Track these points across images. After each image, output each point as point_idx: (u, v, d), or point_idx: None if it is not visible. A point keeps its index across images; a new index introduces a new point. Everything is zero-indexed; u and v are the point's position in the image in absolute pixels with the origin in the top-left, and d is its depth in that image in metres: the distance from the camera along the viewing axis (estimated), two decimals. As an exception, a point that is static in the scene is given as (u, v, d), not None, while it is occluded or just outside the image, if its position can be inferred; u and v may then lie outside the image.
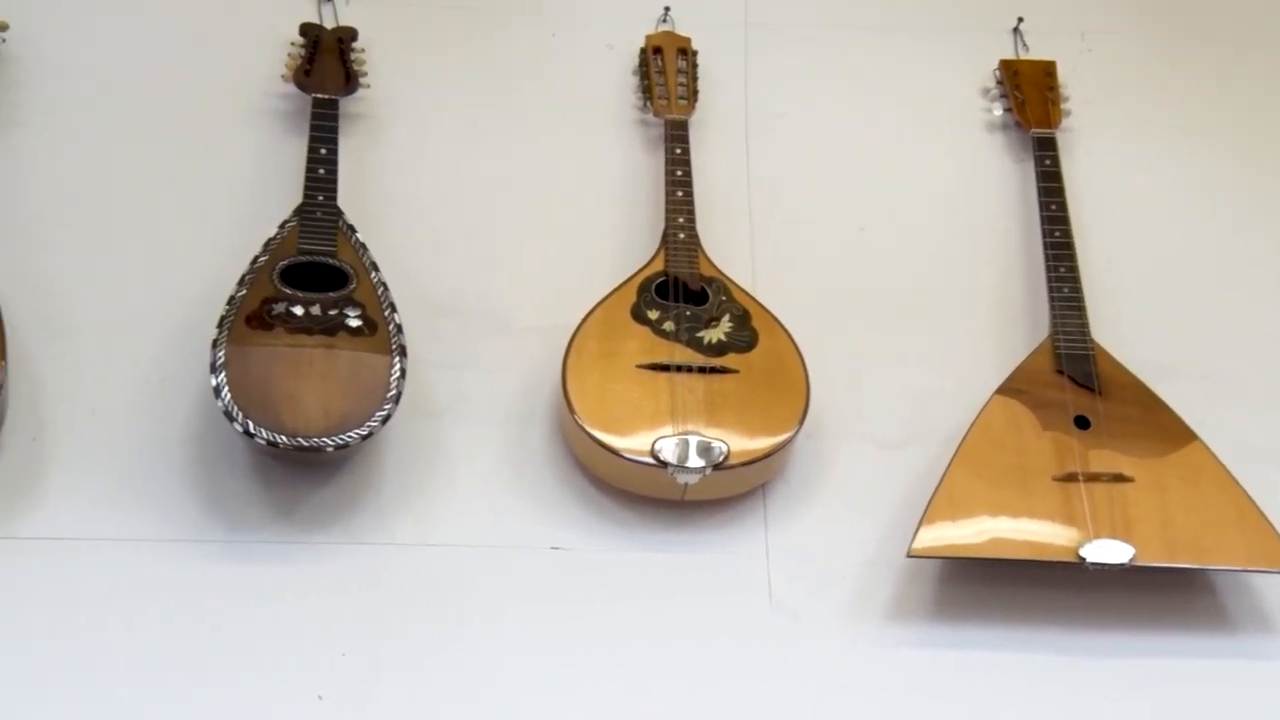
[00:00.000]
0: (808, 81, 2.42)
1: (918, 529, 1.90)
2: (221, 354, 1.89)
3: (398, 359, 1.93)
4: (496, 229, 2.21)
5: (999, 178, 2.36)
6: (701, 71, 2.33)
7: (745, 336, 2.05)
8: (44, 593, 1.84)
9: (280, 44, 2.25)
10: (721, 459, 1.93)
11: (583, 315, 2.04)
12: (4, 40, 2.16)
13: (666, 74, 2.31)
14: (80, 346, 2.01)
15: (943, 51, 2.47)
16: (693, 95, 2.30)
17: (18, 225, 2.09)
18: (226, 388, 1.86)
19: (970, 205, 2.34)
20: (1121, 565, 1.89)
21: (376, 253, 2.04)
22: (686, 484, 1.94)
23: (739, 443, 1.95)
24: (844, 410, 2.11)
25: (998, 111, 2.40)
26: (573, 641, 1.90)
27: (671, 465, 1.92)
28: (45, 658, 1.80)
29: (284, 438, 1.84)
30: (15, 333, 1.93)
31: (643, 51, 2.35)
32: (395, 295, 2.00)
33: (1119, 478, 1.95)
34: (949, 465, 1.96)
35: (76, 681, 1.80)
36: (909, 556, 1.90)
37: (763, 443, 1.96)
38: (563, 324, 2.04)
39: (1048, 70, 2.41)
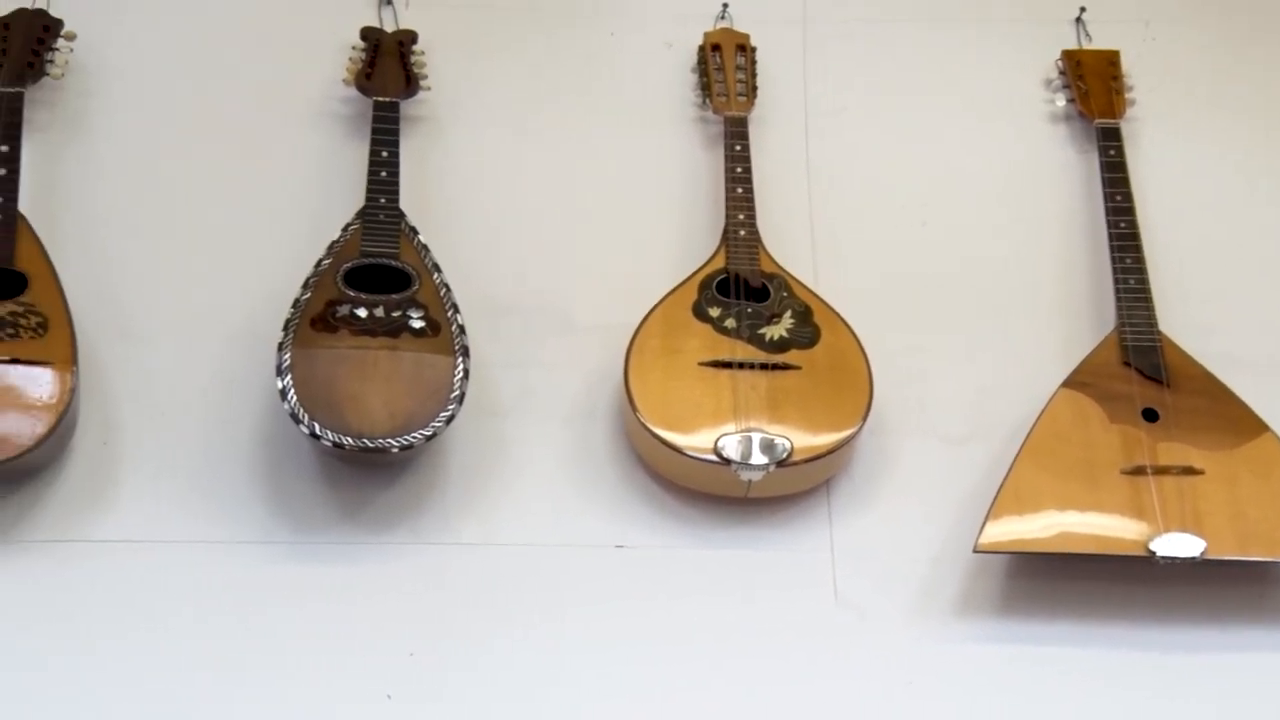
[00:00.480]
0: (867, 76, 2.41)
1: (984, 524, 1.89)
2: (287, 357, 1.90)
3: (461, 359, 1.94)
4: (558, 228, 2.22)
5: (1062, 169, 2.34)
6: (760, 68, 2.33)
7: (807, 332, 2.04)
8: (116, 594, 1.87)
9: (342, 48, 2.27)
10: (785, 456, 1.93)
11: (644, 313, 2.05)
12: (72, 49, 2.19)
13: (725, 71, 2.31)
14: (149, 351, 2.03)
15: (1003, 43, 2.46)
16: (752, 92, 2.30)
17: (87, 231, 2.11)
18: (292, 390, 1.88)
19: (1033, 197, 2.32)
20: (1192, 559, 1.87)
21: (438, 254, 2.05)
22: (750, 481, 1.94)
23: (802, 439, 1.94)
24: (907, 405, 2.10)
25: (1060, 102, 2.38)
26: (637, 640, 1.90)
27: (735, 462, 1.92)
28: (116, 658, 1.83)
29: (349, 439, 1.86)
30: (85, 338, 1.96)
31: (701, 49, 2.35)
32: (458, 296, 2.01)
33: (1188, 470, 1.93)
34: (1015, 459, 1.95)
35: (147, 681, 1.82)
36: (975, 552, 1.89)
37: (826, 439, 1.95)
38: (624, 322, 2.05)
39: (1111, 60, 2.39)
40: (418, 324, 1.96)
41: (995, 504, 1.91)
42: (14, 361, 1.87)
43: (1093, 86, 2.35)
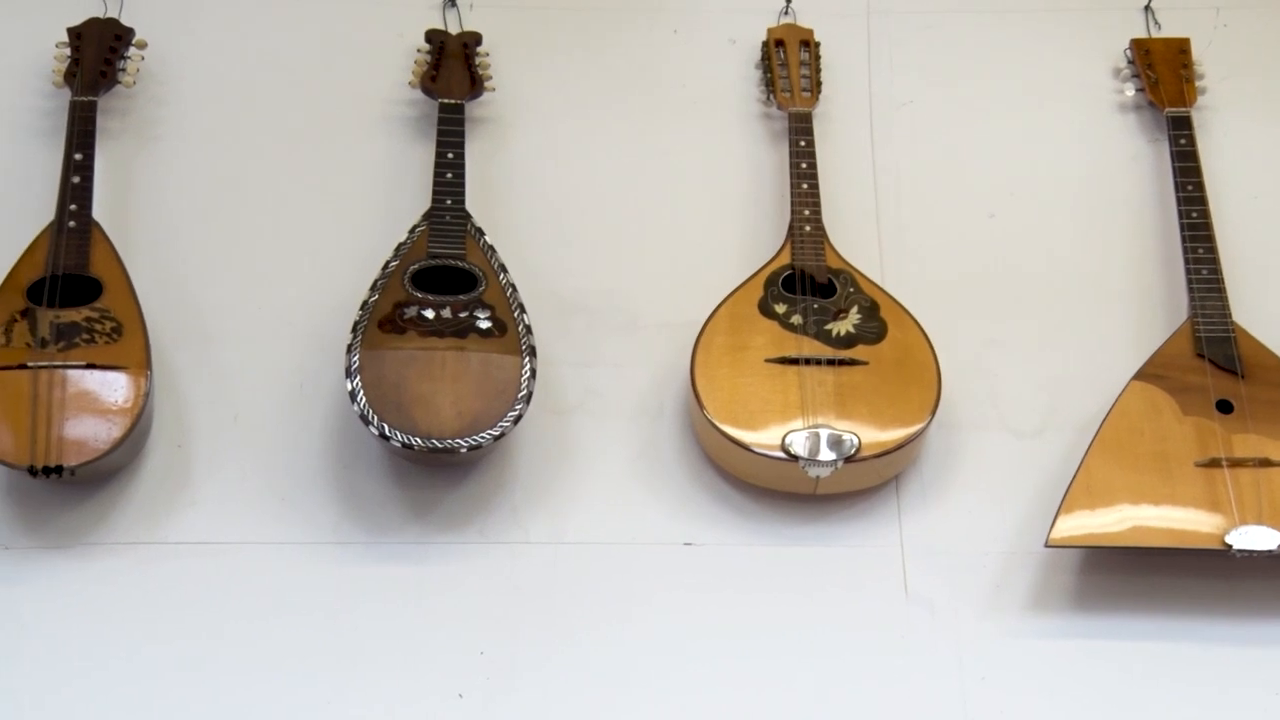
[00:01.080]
0: (932, 68, 2.39)
1: (1055, 518, 1.88)
2: (356, 358, 1.92)
3: (528, 359, 1.94)
4: (622, 227, 2.22)
5: (1133, 159, 2.32)
6: (824, 62, 2.32)
7: (874, 327, 2.03)
8: (191, 595, 1.89)
9: (407, 51, 2.29)
10: (853, 452, 1.92)
11: (710, 311, 2.04)
12: (143, 58, 2.22)
13: (789, 66, 2.30)
14: (221, 355, 2.06)
15: (1070, 33, 2.43)
16: (816, 87, 2.29)
17: (160, 238, 2.14)
18: (362, 392, 1.90)
19: (1103, 188, 2.30)
20: (1269, 552, 1.84)
21: (504, 254, 2.06)
22: (818, 477, 1.93)
23: (870, 435, 1.93)
24: (977, 399, 2.08)
25: (1130, 92, 2.35)
26: (707, 636, 1.90)
27: (803, 459, 1.92)
28: (191, 658, 1.86)
29: (418, 440, 1.87)
30: (158, 342, 1.98)
31: (765, 44, 2.34)
32: (524, 295, 2.02)
33: (1265, 462, 1.90)
34: (1086, 453, 1.93)
35: (221, 680, 1.85)
36: (1047, 546, 1.88)
37: (894, 434, 1.94)
38: (690, 320, 2.05)
39: (1181, 48, 2.36)
40: (485, 324, 1.97)
41: (1067, 498, 1.89)
42: (90, 366, 1.90)
43: (1163, 75, 2.32)
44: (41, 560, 1.89)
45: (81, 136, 2.09)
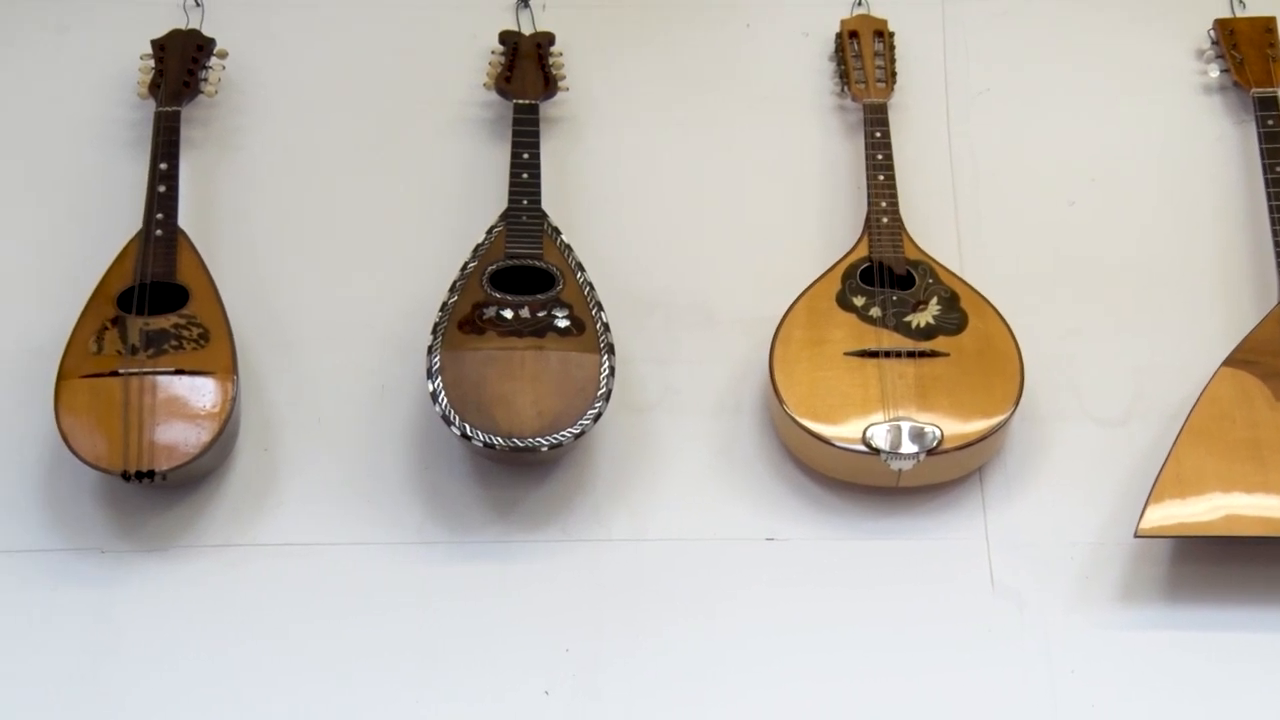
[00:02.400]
0: (1009, 55, 2.37)
1: (1145, 508, 1.86)
2: (437, 360, 1.94)
3: (606, 357, 1.95)
4: (698, 222, 2.22)
5: (1218, 141, 2.28)
6: (899, 52, 2.31)
7: (954, 318, 2.02)
8: (280, 596, 1.92)
9: (481, 53, 2.30)
10: (935, 444, 1.91)
11: (787, 305, 2.04)
12: (224, 67, 2.25)
13: (863, 57, 2.29)
14: (304, 358, 2.08)
15: (1150, 14, 2.39)
16: (891, 77, 2.27)
17: (244, 245, 2.17)
18: (443, 392, 1.91)
19: (1188, 171, 2.26)
20: (1365, 540, 1.81)
21: (581, 252, 2.07)
22: (900, 470, 1.92)
23: (953, 427, 1.92)
24: (1060, 389, 2.06)
25: (1214, 73, 2.31)
26: (790, 631, 1.90)
27: (884, 452, 1.91)
28: (280, 657, 1.88)
29: (499, 439, 1.88)
30: (244, 347, 2.01)
31: (838, 36, 2.33)
32: (601, 293, 2.02)
33: (1360, 448, 1.87)
34: (1175, 441, 1.90)
35: (310, 679, 1.87)
36: (1137, 537, 1.85)
37: (977, 425, 1.93)
38: (767, 315, 2.04)
39: (1267, 26, 2.31)
40: (563, 323, 1.98)
41: (1156, 487, 1.87)
42: (179, 372, 1.93)
43: (1248, 55, 2.28)
44: (136, 563, 1.93)
45: (166, 146, 2.13)
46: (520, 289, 2.02)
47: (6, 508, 1.95)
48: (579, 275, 2.04)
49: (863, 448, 1.91)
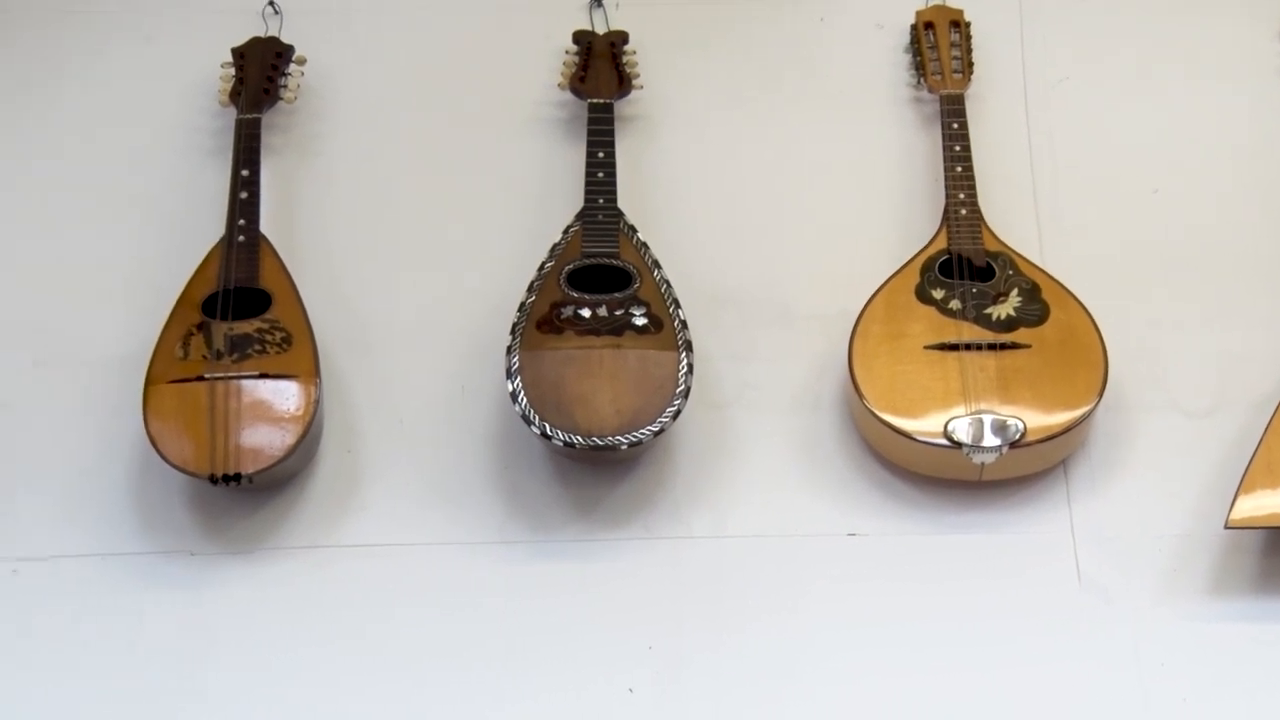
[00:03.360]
0: (1088, 43, 2.34)
1: (1235, 499, 1.83)
2: (516, 360, 1.95)
3: (684, 354, 1.95)
4: (773, 218, 2.21)
5: (1304, 124, 2.24)
6: (975, 43, 2.28)
7: (1035, 310, 2.00)
8: (365, 596, 1.94)
9: (555, 53, 2.31)
10: (1018, 436, 1.89)
11: (865, 300, 2.03)
12: (303, 74, 2.28)
13: (939, 48, 2.27)
14: (385, 360, 2.10)
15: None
16: (967, 68, 2.25)
17: (324, 249, 2.19)
18: (522, 392, 1.92)
19: (1273, 155, 2.22)
20: None
21: (657, 250, 2.07)
22: (983, 464, 1.91)
23: (1035, 419, 1.90)
24: (1145, 379, 2.04)
25: (1296, 56, 2.27)
26: (873, 626, 1.89)
27: (966, 446, 1.89)
28: (366, 657, 1.90)
29: (579, 438, 1.89)
30: (326, 351, 2.03)
31: (913, 28, 2.31)
32: (678, 291, 2.02)
33: None
34: (1265, 430, 1.88)
35: (395, 678, 1.89)
36: (1227, 528, 1.83)
37: (1061, 417, 1.91)
38: (845, 309, 2.03)
39: (1350, 7, 2.27)
40: (640, 321, 1.98)
41: (1246, 477, 1.84)
42: (263, 376, 1.96)
43: (1331, 36, 2.24)
44: (224, 565, 1.96)
45: (247, 153, 2.15)
46: (597, 288, 2.02)
47: (99, 512, 1.99)
48: (656, 273, 2.04)
49: (944, 441, 1.90)
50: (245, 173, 2.13)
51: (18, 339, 2.10)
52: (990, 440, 1.89)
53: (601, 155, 2.15)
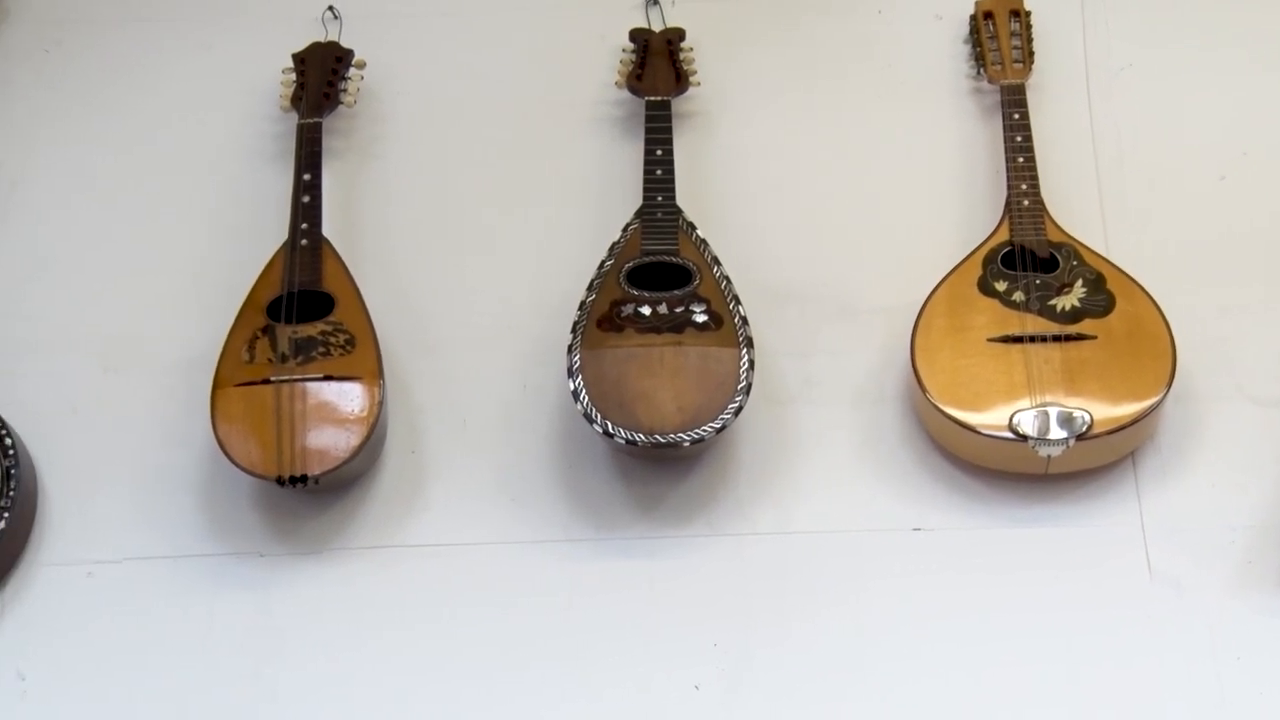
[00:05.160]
0: (1150, 30, 2.31)
1: (1308, 489, 1.81)
2: (577, 358, 1.95)
3: (745, 350, 1.95)
4: (833, 212, 2.20)
5: (1375, 107, 2.20)
6: (1035, 32, 2.26)
7: (1101, 300, 1.98)
8: (431, 595, 1.95)
9: (612, 52, 2.31)
10: (1085, 429, 1.88)
11: (927, 292, 2.02)
12: (363, 77, 2.29)
13: (999, 38, 2.25)
14: (448, 361, 2.11)
15: (1299, -20, 2.32)
16: (1028, 57, 2.23)
17: (386, 250, 2.21)
18: (584, 391, 1.93)
19: (1342, 140, 2.19)
20: None
21: (717, 246, 2.07)
22: (1049, 456, 1.89)
23: (1102, 411, 1.88)
24: (1214, 369, 2.01)
25: (1365, 38, 2.23)
26: (940, 622, 1.88)
27: (1032, 438, 1.88)
28: (432, 656, 1.91)
29: (641, 436, 1.89)
30: (390, 352, 2.04)
31: (973, 18, 2.29)
32: (738, 287, 2.02)
33: None
34: (1339, 419, 1.85)
35: (463, 677, 1.90)
36: (1301, 519, 1.81)
37: (1128, 409, 1.89)
38: (907, 303, 2.02)
39: None
40: (701, 318, 1.98)
41: (1319, 467, 1.82)
42: (327, 378, 1.97)
43: (1400, 17, 2.20)
44: (293, 565, 1.97)
45: (309, 157, 2.17)
46: (657, 285, 2.02)
47: (170, 514, 2.01)
48: (716, 269, 2.04)
49: (1010, 434, 1.88)
50: (307, 177, 2.15)
51: (87, 345, 2.13)
52: (1056, 433, 1.88)
53: (659, 153, 2.15)
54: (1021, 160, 2.11)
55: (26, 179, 2.26)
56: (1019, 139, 2.13)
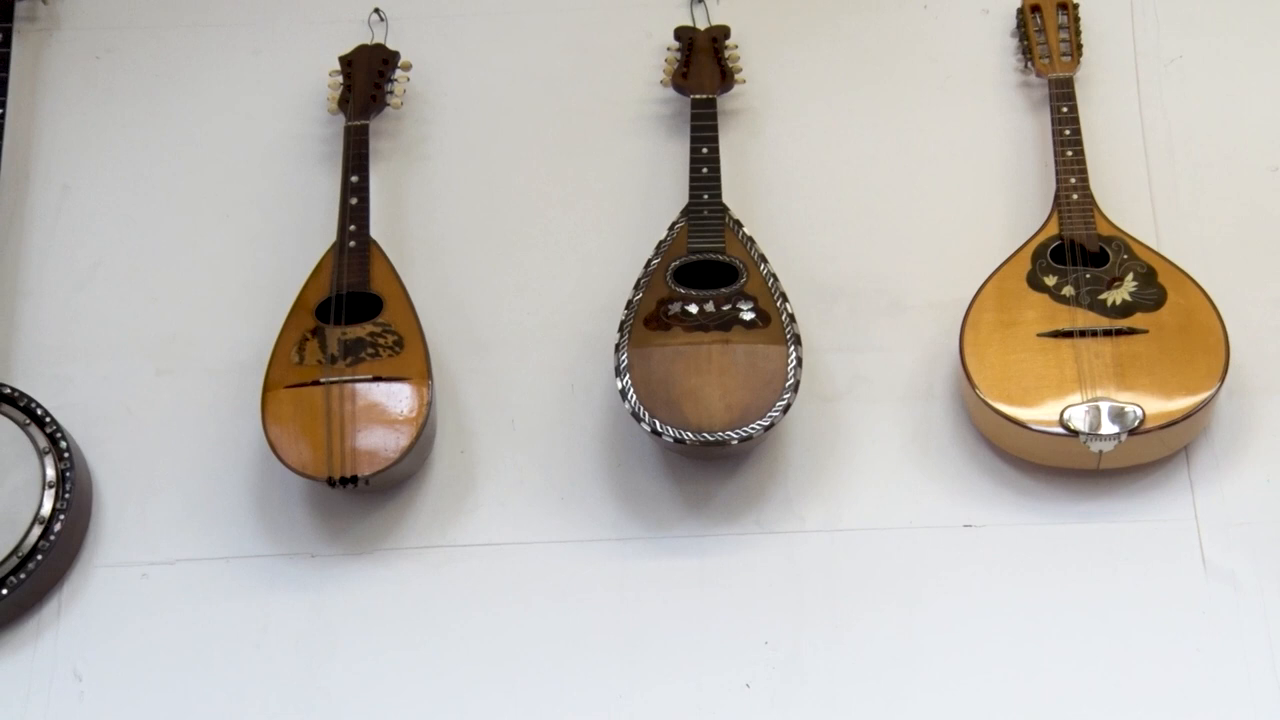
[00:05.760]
0: (1200, 21, 2.29)
1: (1364, 483, 1.78)
2: (624, 357, 1.95)
3: (793, 348, 1.94)
4: (880, 209, 2.19)
5: None
6: (1084, 25, 2.24)
7: (1152, 294, 1.96)
8: (482, 595, 1.96)
9: (656, 50, 2.31)
10: (1137, 423, 1.86)
11: (976, 287, 2.01)
12: (409, 79, 2.30)
13: (1047, 31, 2.23)
14: (495, 361, 2.11)
15: (1352, -33, 2.29)
16: (1076, 50, 2.21)
17: (432, 251, 2.21)
18: (632, 390, 1.93)
19: (1398, 129, 2.16)
20: None
21: (764, 244, 2.07)
22: (1101, 452, 1.88)
23: (1155, 405, 1.87)
24: (1270, 362, 1.99)
25: None
26: (992, 618, 1.87)
27: (1083, 434, 1.87)
28: (483, 655, 1.92)
29: (690, 434, 1.89)
30: (438, 353, 2.05)
31: (1020, 11, 2.27)
32: (785, 284, 2.02)
33: None
34: (1395, 411, 1.82)
35: (515, 675, 1.91)
36: (1357, 513, 1.78)
37: (1181, 403, 1.87)
38: (956, 298, 2.01)
39: None
40: (748, 316, 1.98)
41: (1375, 461, 1.79)
42: (376, 379, 1.98)
43: None
44: (345, 566, 1.99)
45: (356, 160, 2.18)
46: (704, 283, 2.02)
47: (223, 516, 2.03)
48: (762, 267, 2.03)
49: (1061, 430, 1.87)
50: (355, 178, 2.16)
51: (140, 349, 2.15)
52: (1108, 428, 1.86)
53: (705, 151, 2.15)
54: (1070, 153, 2.10)
55: (79, 184, 2.28)
56: (1067, 132, 2.12)
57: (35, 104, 2.33)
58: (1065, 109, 2.14)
